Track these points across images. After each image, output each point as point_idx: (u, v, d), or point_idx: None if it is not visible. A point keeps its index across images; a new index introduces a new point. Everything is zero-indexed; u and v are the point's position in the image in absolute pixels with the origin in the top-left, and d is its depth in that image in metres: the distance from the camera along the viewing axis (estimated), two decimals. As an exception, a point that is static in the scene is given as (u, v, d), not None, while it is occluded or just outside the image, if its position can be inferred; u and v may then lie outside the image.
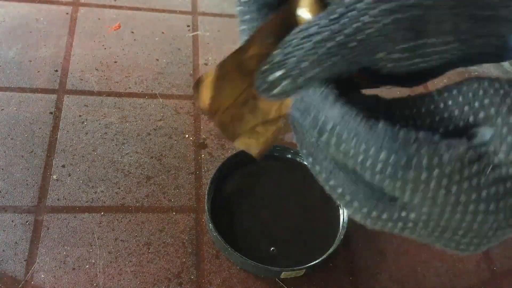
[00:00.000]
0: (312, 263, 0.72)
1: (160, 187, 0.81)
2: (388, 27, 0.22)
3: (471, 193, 0.21)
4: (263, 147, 0.29)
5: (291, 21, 0.25)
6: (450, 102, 0.23)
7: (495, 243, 0.23)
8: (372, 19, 0.22)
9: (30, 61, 0.94)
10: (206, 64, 1.01)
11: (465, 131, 0.23)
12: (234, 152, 0.84)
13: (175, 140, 0.87)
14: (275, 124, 0.28)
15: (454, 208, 0.22)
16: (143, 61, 0.99)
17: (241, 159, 0.83)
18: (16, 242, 0.71)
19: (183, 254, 0.74)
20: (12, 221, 0.73)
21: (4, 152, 0.81)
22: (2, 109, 0.86)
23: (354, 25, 0.22)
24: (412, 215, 0.22)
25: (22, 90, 0.89)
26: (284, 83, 0.24)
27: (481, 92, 0.23)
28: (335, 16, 0.22)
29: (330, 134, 0.23)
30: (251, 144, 0.28)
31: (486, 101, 0.22)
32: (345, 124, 0.22)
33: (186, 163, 0.85)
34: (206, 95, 0.24)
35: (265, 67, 0.24)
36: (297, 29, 0.23)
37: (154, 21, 1.07)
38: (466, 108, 0.23)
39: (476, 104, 0.22)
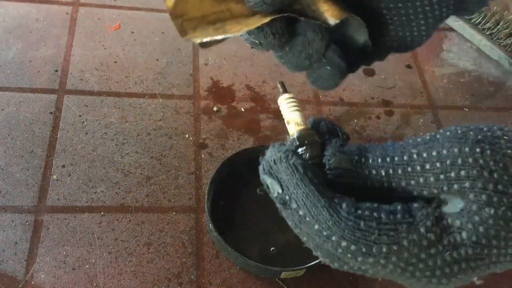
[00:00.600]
0: (312, 263, 0.72)
1: (160, 187, 0.81)
2: None
3: (425, 271, 0.22)
4: (236, 30, 0.29)
5: None
6: (427, 166, 0.23)
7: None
8: None
9: (30, 61, 0.94)
10: (206, 64, 1.01)
11: (438, 196, 0.23)
12: (234, 152, 0.84)
13: (175, 140, 0.87)
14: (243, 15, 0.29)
15: (409, 282, 0.23)
16: (143, 61, 0.99)
17: (241, 159, 0.83)
18: (16, 242, 0.71)
19: (183, 254, 0.74)
20: (12, 221, 0.73)
21: (4, 152, 0.81)
22: (2, 109, 0.86)
23: None
24: (370, 271, 0.24)
25: (22, 90, 0.89)
26: None
27: (459, 161, 0.22)
28: None
29: (293, 213, 0.24)
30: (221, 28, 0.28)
31: (463, 173, 0.22)
32: (308, 206, 0.23)
33: (186, 163, 0.85)
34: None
35: None
36: None
37: (154, 21, 1.07)
38: (441, 176, 0.23)
39: (452, 174, 0.22)
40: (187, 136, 0.88)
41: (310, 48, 0.28)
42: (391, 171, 0.23)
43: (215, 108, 0.93)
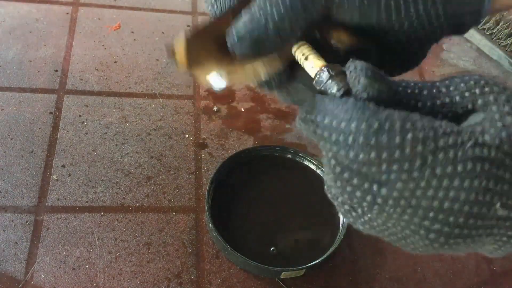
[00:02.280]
0: (312, 263, 0.72)
1: (160, 187, 0.81)
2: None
3: (447, 166, 0.20)
4: (241, 79, 0.30)
5: None
6: (451, 88, 0.23)
7: (464, 242, 0.22)
8: None
9: (30, 61, 0.94)
10: (206, 64, 1.01)
11: (462, 119, 0.23)
12: (234, 152, 0.84)
13: (175, 140, 0.87)
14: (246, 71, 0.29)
15: (428, 182, 0.20)
16: (143, 61, 0.99)
17: (241, 159, 0.83)
18: (16, 242, 0.71)
19: (183, 254, 0.74)
20: (12, 221, 0.73)
21: (4, 152, 0.81)
22: (2, 109, 0.86)
23: None
24: (383, 190, 0.21)
25: (22, 90, 0.89)
26: (256, 33, 0.25)
27: (482, 81, 0.23)
28: None
29: (313, 124, 0.23)
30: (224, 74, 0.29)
31: (486, 89, 0.22)
32: (323, 105, 0.22)
33: (186, 163, 0.85)
34: (181, 58, 0.27)
35: (237, 24, 0.26)
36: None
37: (154, 21, 1.07)
38: (466, 94, 0.23)
39: (477, 90, 0.22)
40: (187, 136, 0.88)
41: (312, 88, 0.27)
42: (417, 91, 0.23)
43: (215, 108, 0.93)
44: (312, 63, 0.25)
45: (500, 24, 1.14)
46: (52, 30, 1.00)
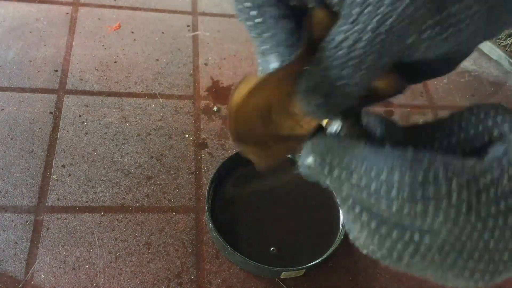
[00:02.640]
0: (312, 263, 0.72)
1: (160, 187, 0.81)
2: (407, 9, 0.21)
3: (490, 206, 0.20)
4: (271, 161, 0.28)
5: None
6: (463, 124, 0.23)
7: (507, 274, 0.22)
8: (390, 8, 0.21)
9: (30, 61, 0.94)
10: (206, 64, 1.01)
11: (482, 154, 0.22)
12: (234, 152, 0.84)
13: (175, 140, 0.87)
14: (287, 142, 0.27)
15: (474, 227, 0.20)
16: (143, 61, 0.99)
17: (241, 159, 0.83)
18: (16, 242, 0.71)
19: (183, 254, 0.74)
20: (12, 221, 0.73)
21: (4, 152, 0.81)
22: (2, 109, 0.86)
23: (375, 19, 0.21)
24: (427, 239, 0.21)
25: (22, 90, 0.89)
26: (334, 96, 0.23)
27: (492, 112, 0.22)
28: (354, 17, 0.22)
29: (339, 169, 0.22)
30: (258, 155, 0.28)
31: (499, 118, 0.22)
32: (351, 153, 0.22)
33: (186, 163, 0.85)
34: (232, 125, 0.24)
35: (309, 83, 0.23)
36: (325, 43, 0.23)
37: (154, 21, 1.07)
38: (480, 127, 0.22)
39: (489, 122, 0.22)
40: (187, 136, 0.88)
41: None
42: (431, 133, 0.23)
43: (215, 108, 0.93)
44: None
45: (500, 24, 1.14)
46: (52, 30, 1.00)
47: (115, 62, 0.97)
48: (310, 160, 0.23)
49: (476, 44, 0.26)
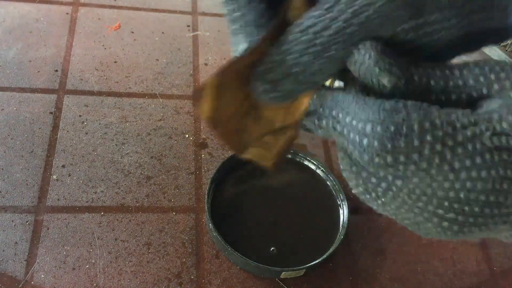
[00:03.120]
0: (312, 263, 0.72)
1: (160, 187, 0.81)
2: (385, 6, 0.21)
3: (465, 160, 0.20)
4: (276, 158, 0.27)
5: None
6: (465, 72, 0.22)
7: (478, 230, 0.21)
8: (368, 1, 0.21)
9: (30, 61, 0.94)
10: (206, 64, 1.01)
11: (476, 103, 0.22)
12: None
13: (175, 140, 0.87)
14: (285, 133, 0.26)
15: (446, 177, 0.20)
16: (143, 61, 0.99)
17: (241, 159, 0.83)
18: (16, 242, 0.71)
19: (183, 254, 0.74)
20: (12, 221, 0.73)
21: (4, 152, 0.81)
22: (2, 109, 0.86)
23: (351, 10, 0.21)
24: (399, 182, 0.21)
25: (22, 90, 0.89)
26: (285, 82, 0.22)
27: (497, 67, 0.22)
28: (330, 4, 0.21)
29: (327, 119, 0.22)
30: (262, 155, 0.27)
31: (502, 74, 0.21)
32: (340, 104, 0.22)
33: (186, 163, 0.85)
34: (206, 105, 0.22)
35: (262, 67, 0.23)
36: (292, 26, 0.22)
37: (154, 21, 1.07)
38: (481, 78, 0.22)
39: (492, 76, 0.22)
40: (187, 136, 0.88)
41: None
42: (429, 70, 0.22)
43: (215, 108, 0.93)
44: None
45: (500, 24, 1.14)
46: (52, 30, 1.00)
47: (115, 62, 0.97)
48: (308, 114, 0.23)
49: (452, 56, 0.26)
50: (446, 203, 0.21)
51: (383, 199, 0.22)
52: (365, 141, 0.20)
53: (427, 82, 0.22)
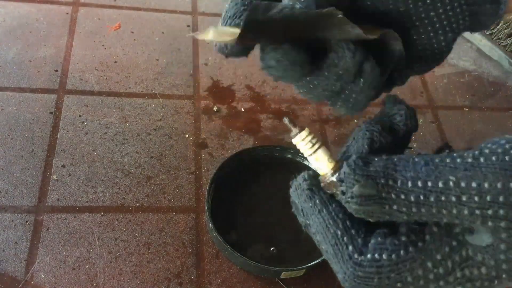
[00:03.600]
0: (312, 263, 0.72)
1: (160, 187, 0.81)
2: None
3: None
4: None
5: None
6: (464, 198, 0.21)
7: None
8: None
9: (30, 61, 0.94)
10: (206, 64, 1.01)
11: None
12: (234, 152, 0.84)
13: (175, 140, 0.87)
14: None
15: None
16: (143, 61, 0.99)
17: (241, 159, 0.83)
18: (16, 242, 0.71)
19: (183, 254, 0.74)
20: (12, 221, 0.73)
21: (4, 152, 0.81)
22: (2, 109, 0.86)
23: None
24: None
25: (22, 90, 0.89)
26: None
27: (501, 199, 0.21)
28: None
29: (313, 236, 0.26)
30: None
31: (502, 212, 0.21)
32: (324, 235, 0.25)
33: (186, 163, 0.85)
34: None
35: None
36: None
37: (154, 21, 1.07)
38: (477, 212, 0.21)
39: (490, 212, 0.21)
40: (187, 136, 0.88)
41: (342, 68, 0.25)
42: (421, 197, 0.21)
43: (215, 108, 0.93)
44: (324, 166, 0.25)
45: (500, 24, 1.14)
46: (52, 30, 1.00)
47: (115, 62, 0.97)
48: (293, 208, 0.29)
49: (450, 38, 0.26)
50: None
51: None
52: (339, 276, 0.23)
53: (417, 211, 0.22)
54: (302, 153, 0.27)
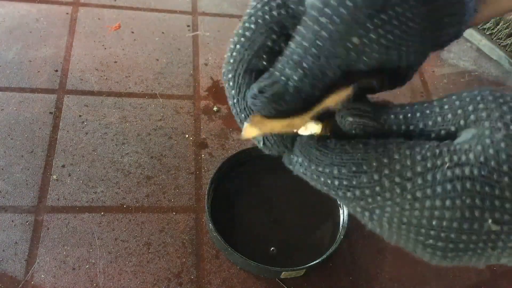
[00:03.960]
0: (312, 263, 0.72)
1: (160, 187, 0.81)
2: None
3: (426, 189, 0.21)
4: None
5: None
6: (446, 106, 0.23)
7: (465, 255, 0.22)
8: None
9: (30, 61, 0.94)
10: (206, 64, 1.01)
11: (456, 135, 0.23)
12: (234, 152, 0.84)
13: (175, 140, 0.87)
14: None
15: (412, 205, 0.22)
16: (143, 61, 0.99)
17: (241, 159, 0.83)
18: (16, 242, 0.71)
19: (183, 254, 0.74)
20: (12, 221, 0.73)
21: (4, 152, 0.81)
22: (2, 109, 0.86)
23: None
24: (377, 213, 0.23)
25: (22, 90, 0.89)
26: (276, 89, 0.25)
27: (479, 97, 0.22)
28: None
29: (296, 164, 0.27)
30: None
31: (481, 105, 0.22)
32: (308, 153, 0.25)
33: (186, 163, 0.85)
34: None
35: (258, 81, 0.26)
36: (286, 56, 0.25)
37: (154, 21, 1.07)
38: (459, 111, 0.22)
39: (470, 107, 0.22)
40: (187, 136, 0.88)
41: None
42: (409, 115, 0.24)
43: (215, 108, 0.93)
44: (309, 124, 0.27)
45: (500, 24, 1.14)
46: (52, 30, 1.00)
47: (115, 62, 0.97)
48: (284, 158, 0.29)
49: (422, 57, 0.27)
50: (423, 230, 0.22)
51: (372, 225, 0.25)
52: (336, 182, 0.24)
53: (406, 128, 0.24)
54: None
